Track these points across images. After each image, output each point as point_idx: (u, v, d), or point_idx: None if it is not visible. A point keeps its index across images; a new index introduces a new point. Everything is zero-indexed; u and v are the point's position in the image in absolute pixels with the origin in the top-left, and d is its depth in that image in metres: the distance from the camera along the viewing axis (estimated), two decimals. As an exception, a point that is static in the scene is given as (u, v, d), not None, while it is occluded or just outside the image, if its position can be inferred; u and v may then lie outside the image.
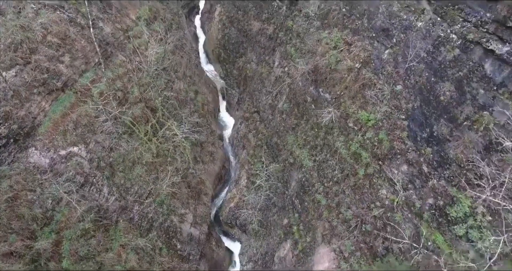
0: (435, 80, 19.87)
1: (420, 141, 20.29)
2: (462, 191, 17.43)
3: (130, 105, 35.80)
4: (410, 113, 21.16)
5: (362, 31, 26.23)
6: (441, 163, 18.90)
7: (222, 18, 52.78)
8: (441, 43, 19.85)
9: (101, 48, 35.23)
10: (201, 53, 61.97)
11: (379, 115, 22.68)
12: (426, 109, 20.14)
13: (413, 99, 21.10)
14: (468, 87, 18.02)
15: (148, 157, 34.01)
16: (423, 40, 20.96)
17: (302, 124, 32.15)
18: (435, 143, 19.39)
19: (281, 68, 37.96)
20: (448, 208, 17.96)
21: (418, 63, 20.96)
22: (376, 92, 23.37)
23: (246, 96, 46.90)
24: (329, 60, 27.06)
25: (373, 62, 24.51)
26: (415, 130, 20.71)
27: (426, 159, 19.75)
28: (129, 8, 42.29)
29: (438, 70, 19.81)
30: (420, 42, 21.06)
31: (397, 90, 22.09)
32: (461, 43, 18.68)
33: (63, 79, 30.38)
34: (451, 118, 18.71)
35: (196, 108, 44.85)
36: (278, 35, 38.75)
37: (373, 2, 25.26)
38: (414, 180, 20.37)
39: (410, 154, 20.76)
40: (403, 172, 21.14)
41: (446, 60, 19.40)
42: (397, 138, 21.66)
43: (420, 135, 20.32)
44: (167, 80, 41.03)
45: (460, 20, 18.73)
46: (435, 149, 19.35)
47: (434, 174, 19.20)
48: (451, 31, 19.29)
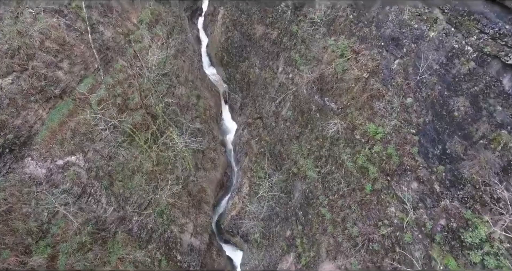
0: (449, 94, 18.84)
1: (432, 158, 19.27)
2: (477, 214, 16.41)
3: (130, 111, 35.03)
4: (421, 128, 20.14)
5: (370, 39, 25.22)
6: (455, 183, 17.88)
7: (225, 21, 51.88)
8: (455, 55, 18.81)
9: (101, 52, 34.46)
10: (203, 56, 61.12)
11: (388, 128, 21.67)
12: (439, 125, 19.12)
13: (425, 113, 20.07)
14: (485, 103, 16.99)
15: (148, 166, 33.19)
16: (435, 51, 19.94)
17: (306, 133, 31.19)
18: (448, 161, 18.37)
19: (285, 74, 36.99)
20: (462, 231, 16.95)
21: (430, 76, 19.94)
22: (385, 104, 22.36)
23: (249, 101, 45.98)
24: (335, 69, 26.07)
25: (382, 72, 23.49)
26: (426, 146, 19.69)
27: (438, 177, 18.73)
28: (130, 11, 41.48)
29: (451, 83, 18.78)
30: (433, 53, 20.03)
31: (408, 103, 21.07)
32: (477, 56, 17.64)
33: (62, 86, 29.57)
34: (465, 136, 17.68)
35: (198, 113, 43.99)
36: (282, 40, 37.79)
37: (383, 10, 24.23)
38: (425, 199, 19.36)
39: (421, 171, 19.75)
40: (413, 189, 20.13)
41: (461, 74, 18.37)
42: (407, 154, 20.65)
43: (432, 152, 19.30)
44: (168, 85, 40.20)
45: (476, 31, 17.69)
46: (448, 167, 18.33)
47: (446, 194, 18.19)
48: (466, 42, 18.26)
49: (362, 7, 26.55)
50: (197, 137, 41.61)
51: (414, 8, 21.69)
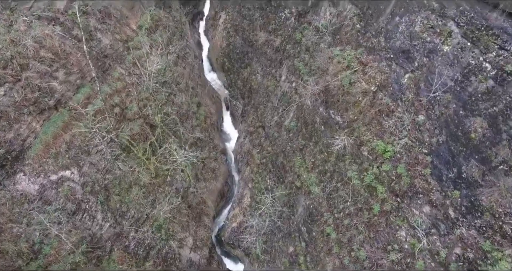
0: (464, 114, 17.63)
1: (446, 181, 18.07)
2: (497, 246, 15.20)
3: (128, 121, 33.94)
4: (434, 148, 18.94)
5: (378, 50, 24.04)
6: (471, 210, 16.68)
7: (226, 26, 50.75)
8: (471, 72, 17.62)
9: (99, 60, 33.42)
10: (204, 61, 60.00)
11: (398, 147, 20.47)
12: (454, 146, 17.92)
13: (438, 132, 18.87)
14: (505, 125, 15.79)
15: (146, 178, 32.08)
16: (450, 66, 18.74)
17: (310, 146, 30.00)
18: (464, 186, 17.17)
19: (288, 83, 35.84)
20: (480, 263, 15.74)
21: (444, 93, 18.74)
22: (395, 121, 21.16)
23: (251, 109, 44.83)
24: (341, 81, 24.88)
25: (391, 87, 22.31)
26: (440, 168, 18.49)
27: (453, 203, 17.53)
28: (130, 17, 40.37)
29: (467, 102, 17.58)
30: (447, 69, 18.84)
31: (419, 121, 19.87)
32: (496, 73, 16.45)
33: (56, 97, 28.50)
34: (483, 160, 16.48)
35: (198, 122, 42.86)
36: (285, 48, 36.64)
37: (392, 20, 23.04)
38: (439, 224, 18.17)
39: (434, 194, 18.56)
40: (426, 213, 18.94)
41: (478, 92, 17.18)
42: (418, 175, 19.45)
43: (446, 175, 18.10)
44: (168, 93, 39.07)
45: (496, 47, 16.51)
46: (463, 192, 17.13)
47: (462, 221, 16.99)
48: (484, 59, 17.07)
49: (369, 16, 25.38)
50: (197, 147, 40.62)
51: (426, 20, 20.49)
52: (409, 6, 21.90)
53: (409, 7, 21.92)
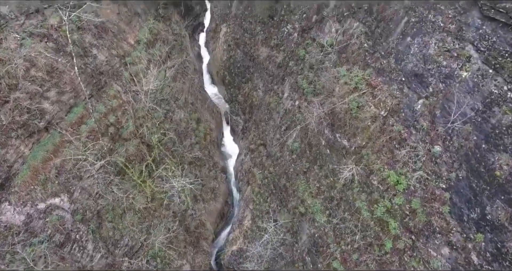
0: (487, 148, 16.02)
1: (468, 222, 16.38)
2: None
3: (123, 141, 32.42)
4: (453, 184, 17.29)
5: (388, 72, 22.54)
6: (498, 257, 14.97)
7: (227, 39, 49.55)
8: (494, 102, 16.06)
9: (94, 78, 32.03)
10: (205, 73, 58.77)
11: (413, 180, 18.81)
12: (476, 183, 16.26)
13: (457, 167, 17.23)
14: (535, 164, 14.17)
15: (141, 202, 30.41)
16: (469, 94, 17.19)
17: (315, 170, 28.35)
18: (488, 229, 15.49)
19: (291, 100, 34.34)
20: (510, 320, 13.99)
21: (463, 123, 17.14)
22: (408, 151, 19.53)
23: (252, 126, 43.29)
24: (349, 105, 23.33)
25: (403, 112, 20.74)
26: (460, 207, 16.81)
27: (476, 247, 15.82)
28: (127, 31, 39.14)
29: (491, 135, 15.98)
30: (465, 97, 17.29)
31: (435, 152, 18.25)
32: (524, 106, 14.89)
33: (47, 118, 27.01)
34: (510, 201, 14.81)
35: (197, 139, 41.33)
36: (288, 64, 35.23)
37: (403, 41, 21.58)
38: (459, 270, 16.42)
39: (454, 236, 16.85)
40: (445, 256, 17.21)
41: (502, 125, 15.59)
42: (435, 212, 17.77)
43: (468, 215, 16.42)
44: (166, 110, 37.64)
45: (522, 77, 14.96)
46: (488, 236, 15.44)
47: (487, 269, 15.25)
48: (509, 89, 15.52)
49: (378, 35, 23.94)
50: (196, 166, 39.01)
51: (442, 43, 19.01)
52: (422, 27, 20.46)
53: (422, 27, 20.48)
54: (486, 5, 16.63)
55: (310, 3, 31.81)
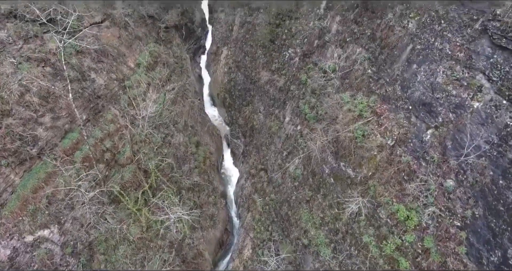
0: (506, 184, 14.89)
1: (488, 265, 15.02)
2: None
3: (119, 167, 31.34)
4: (470, 223, 16.04)
5: (394, 100, 21.72)
6: (524, 308, 13.54)
7: (228, 61, 49.40)
8: (510, 135, 15.05)
9: (91, 102, 31.37)
10: (205, 95, 58.40)
11: (425, 216, 17.56)
12: (494, 223, 15.03)
13: (473, 203, 16.04)
14: (561, 205, 13.01)
15: (136, 232, 28.95)
16: (482, 126, 16.24)
17: (318, 199, 27.07)
18: (511, 274, 14.13)
19: (292, 125, 33.49)
20: None
21: (477, 157, 16.08)
22: (418, 184, 18.38)
23: (253, 149, 42.27)
24: (353, 133, 22.37)
25: (411, 142, 19.74)
26: (478, 248, 15.49)
27: (499, 294, 14.41)
28: (127, 55, 38.88)
29: (508, 171, 14.89)
30: (479, 129, 16.32)
31: (448, 187, 17.10)
32: (544, 140, 13.89)
33: (40, 145, 26.07)
34: (535, 245, 13.56)
35: (197, 163, 40.20)
36: (289, 88, 34.63)
37: (409, 68, 20.88)
38: (481, 319, 14.93)
39: (473, 280, 15.45)
40: (463, 302, 15.72)
41: (521, 160, 14.53)
42: (451, 253, 16.42)
43: (487, 258, 15.07)
44: (165, 135, 36.76)
45: (540, 110, 14.05)
46: (512, 283, 14.07)
47: (513, 321, 13.78)
48: (526, 122, 14.58)
49: (382, 62, 23.31)
50: (194, 192, 37.68)
51: (450, 71, 18.27)
52: (428, 54, 19.80)
53: (428, 55, 19.81)
54: (497, 33, 15.97)
55: (311, 28, 31.55)
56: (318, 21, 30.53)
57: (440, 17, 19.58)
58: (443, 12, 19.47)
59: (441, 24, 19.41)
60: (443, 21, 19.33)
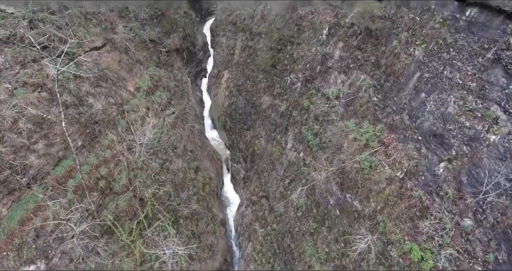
0: (531, 227, 13.58)
1: (516, 319, 13.46)
2: None
3: (114, 195, 29.97)
4: (492, 268, 14.59)
5: (402, 129, 20.71)
6: None
7: (229, 85, 48.98)
8: (533, 173, 13.90)
9: (88, 127, 30.43)
10: (206, 118, 57.71)
11: (442, 259, 16.09)
12: (521, 270, 13.60)
13: (495, 247, 14.66)
14: None
15: (129, 266, 27.22)
16: (501, 161, 15.11)
17: (323, 232, 25.52)
18: None
19: (295, 152, 32.37)
20: None
21: (497, 195, 14.85)
22: (432, 222, 17.02)
23: (254, 175, 40.96)
24: (360, 164, 21.22)
25: (423, 176, 18.54)
26: (504, 298, 13.98)
27: None
28: (127, 79, 38.40)
29: (533, 212, 13.62)
30: (497, 164, 15.18)
31: (466, 227, 15.76)
32: None
33: (32, 173, 24.91)
34: None
35: (195, 190, 38.77)
36: (291, 114, 33.77)
37: (416, 97, 20.01)
38: None
39: None
40: None
41: (547, 201, 13.30)
42: (473, 302, 14.86)
43: (515, 310, 13.54)
44: (163, 160, 35.59)
45: None
46: None
47: None
48: (550, 158, 13.46)
49: (388, 89, 22.51)
50: (193, 221, 36.08)
51: (462, 101, 17.35)
52: (437, 83, 18.98)
53: (437, 84, 18.99)
54: (511, 63, 15.17)
55: (314, 53, 31.07)
56: (320, 47, 30.09)
57: (448, 45, 18.91)
58: (451, 40, 18.83)
59: (450, 52, 18.70)
60: (452, 49, 18.64)
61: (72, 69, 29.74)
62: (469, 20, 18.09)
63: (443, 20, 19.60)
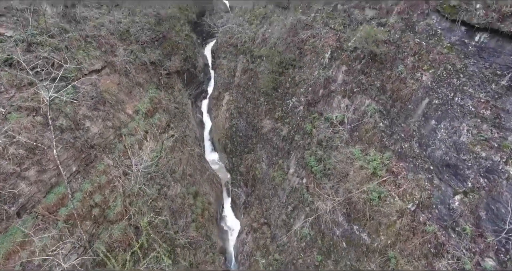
0: None
1: None
2: None
3: (108, 224, 28.54)
4: (521, 317, 13.13)
5: (411, 157, 19.65)
6: None
7: (230, 107, 48.36)
8: (561, 210, 12.71)
9: (83, 152, 29.39)
10: (206, 139, 56.78)
11: (462, 304, 14.64)
12: (555, 321, 12.15)
13: (523, 293, 13.25)
14: None
15: (121, 302, 25.48)
16: (523, 196, 13.93)
17: (329, 265, 23.91)
18: None
19: (297, 177, 31.16)
20: None
21: (522, 234, 13.61)
22: (450, 262, 15.64)
23: (255, 201, 39.51)
24: (368, 195, 20.00)
25: (436, 209, 17.30)
26: None
27: None
28: (126, 101, 37.73)
29: None
30: (519, 199, 14.00)
31: (488, 268, 14.37)
32: None
33: (21, 202, 23.61)
34: None
35: (194, 216, 37.26)
36: (294, 138, 32.80)
37: (426, 124, 19.07)
38: None
39: None
40: None
41: None
42: None
43: None
44: (160, 186, 34.35)
45: None
46: None
47: None
48: None
49: (395, 115, 21.62)
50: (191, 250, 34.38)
51: (476, 130, 16.38)
52: (448, 110, 18.10)
53: (448, 111, 18.11)
54: (529, 92, 14.32)
55: (316, 77, 30.49)
56: (322, 70, 29.54)
57: (458, 71, 18.18)
58: (460, 65, 18.11)
59: (460, 78, 17.95)
60: (462, 75, 17.89)
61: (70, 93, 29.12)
62: (479, 46, 17.43)
63: (451, 45, 18.98)
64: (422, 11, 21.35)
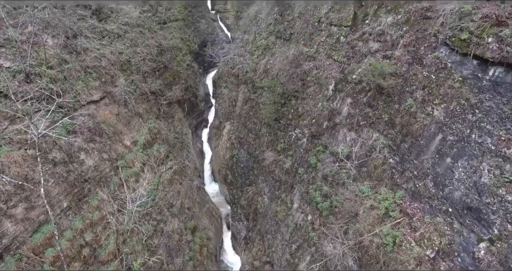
0: None
1: None
2: None
3: (99, 265, 26.57)
4: None
5: (427, 198, 18.21)
6: None
7: (230, 137, 47.33)
8: None
9: (76, 186, 27.99)
10: (206, 169, 55.31)
11: None
12: None
13: None
14: None
15: None
16: (560, 248, 12.38)
17: (338, 315, 21.69)
18: None
19: (302, 213, 29.45)
20: None
21: None
22: (480, 321, 13.79)
23: (256, 236, 37.41)
24: (382, 239, 18.35)
25: (459, 257, 15.63)
26: None
27: None
28: (124, 132, 36.69)
29: None
30: (556, 251, 12.44)
31: None
32: None
33: (5, 243, 21.88)
34: None
35: (192, 254, 35.07)
36: (297, 171, 31.42)
37: (441, 161, 17.80)
38: None
39: None
40: None
41: None
42: None
43: None
44: (157, 221, 32.53)
45: None
46: None
47: None
48: None
49: (406, 151, 20.40)
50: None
51: (499, 170, 15.09)
52: (465, 148, 16.90)
53: (465, 148, 16.91)
54: (556, 131, 13.19)
55: (320, 109, 29.64)
56: (326, 102, 28.73)
57: (473, 106, 17.19)
58: (475, 100, 17.15)
59: (476, 114, 16.92)
60: (478, 110, 16.88)
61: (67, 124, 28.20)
62: (494, 80, 16.57)
63: (463, 79, 18.14)
64: (429, 43, 20.77)
